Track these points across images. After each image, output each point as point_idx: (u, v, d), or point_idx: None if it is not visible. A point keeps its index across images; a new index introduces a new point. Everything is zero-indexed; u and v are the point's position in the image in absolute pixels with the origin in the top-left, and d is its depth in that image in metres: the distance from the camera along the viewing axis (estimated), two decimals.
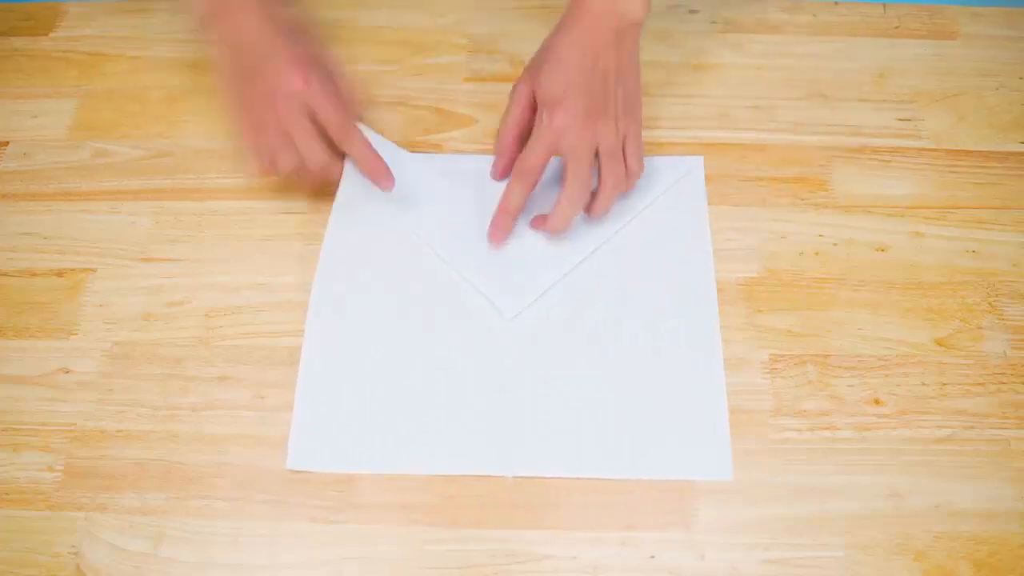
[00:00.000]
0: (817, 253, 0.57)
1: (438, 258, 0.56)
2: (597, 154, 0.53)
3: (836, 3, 0.68)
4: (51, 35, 0.68)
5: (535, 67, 0.55)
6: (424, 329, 0.54)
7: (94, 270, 0.57)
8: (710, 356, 0.52)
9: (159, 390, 0.52)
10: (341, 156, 0.57)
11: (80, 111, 0.64)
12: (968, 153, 0.61)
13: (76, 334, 0.55)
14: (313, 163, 0.54)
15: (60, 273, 0.57)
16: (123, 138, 0.63)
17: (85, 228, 0.59)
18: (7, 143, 0.63)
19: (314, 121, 0.53)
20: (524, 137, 0.56)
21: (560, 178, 0.54)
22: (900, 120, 0.62)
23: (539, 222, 0.56)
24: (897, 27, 0.67)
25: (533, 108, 0.55)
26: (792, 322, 0.54)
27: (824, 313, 0.54)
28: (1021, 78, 0.64)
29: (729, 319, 0.54)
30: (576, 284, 0.55)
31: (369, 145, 0.55)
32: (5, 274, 0.57)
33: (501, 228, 0.56)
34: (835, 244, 0.57)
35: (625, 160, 0.55)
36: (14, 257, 0.58)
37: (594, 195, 0.55)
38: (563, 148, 0.53)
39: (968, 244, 0.57)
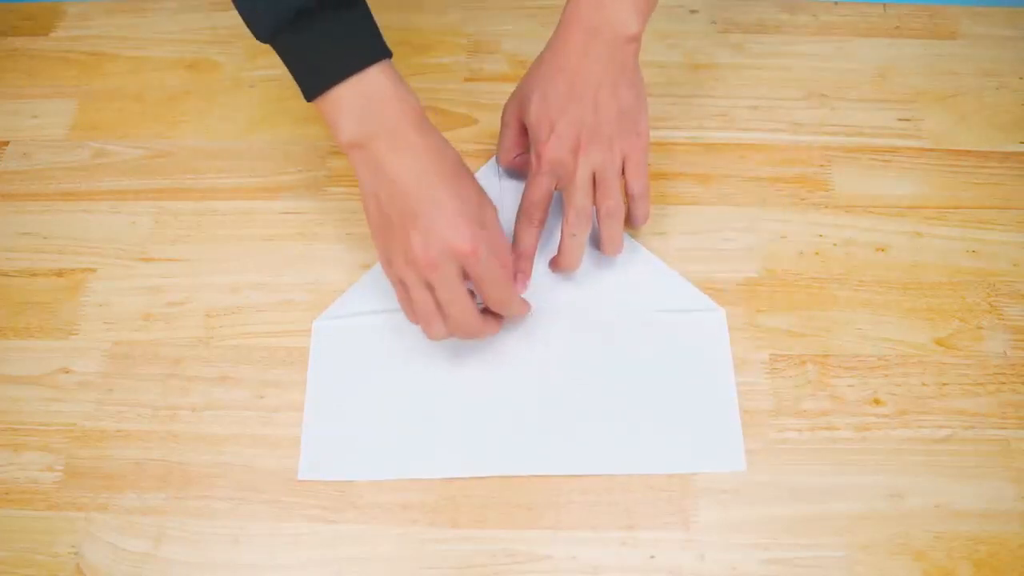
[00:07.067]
0: (817, 253, 0.57)
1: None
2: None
3: (836, 3, 0.68)
4: (51, 35, 0.68)
5: (523, 96, 0.52)
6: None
7: (94, 270, 0.57)
8: (718, 348, 0.53)
9: (159, 390, 0.52)
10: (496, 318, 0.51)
11: (80, 111, 0.64)
12: (968, 153, 0.61)
13: (76, 334, 0.55)
14: (468, 335, 0.49)
15: (60, 273, 0.57)
16: (123, 138, 0.63)
17: (85, 228, 0.59)
18: (7, 143, 0.63)
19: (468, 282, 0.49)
20: (527, 156, 0.53)
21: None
22: (900, 120, 0.62)
23: (554, 264, 0.54)
24: (897, 27, 0.67)
25: (525, 131, 0.53)
26: (792, 322, 0.54)
27: (824, 313, 0.54)
28: (1021, 78, 0.64)
29: (729, 319, 0.54)
30: (582, 284, 0.55)
31: (528, 309, 0.52)
32: (5, 274, 0.57)
33: (523, 273, 0.53)
34: (835, 244, 0.57)
35: (626, 184, 0.52)
36: (14, 257, 0.58)
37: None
38: (560, 182, 0.51)
39: (968, 244, 0.57)
